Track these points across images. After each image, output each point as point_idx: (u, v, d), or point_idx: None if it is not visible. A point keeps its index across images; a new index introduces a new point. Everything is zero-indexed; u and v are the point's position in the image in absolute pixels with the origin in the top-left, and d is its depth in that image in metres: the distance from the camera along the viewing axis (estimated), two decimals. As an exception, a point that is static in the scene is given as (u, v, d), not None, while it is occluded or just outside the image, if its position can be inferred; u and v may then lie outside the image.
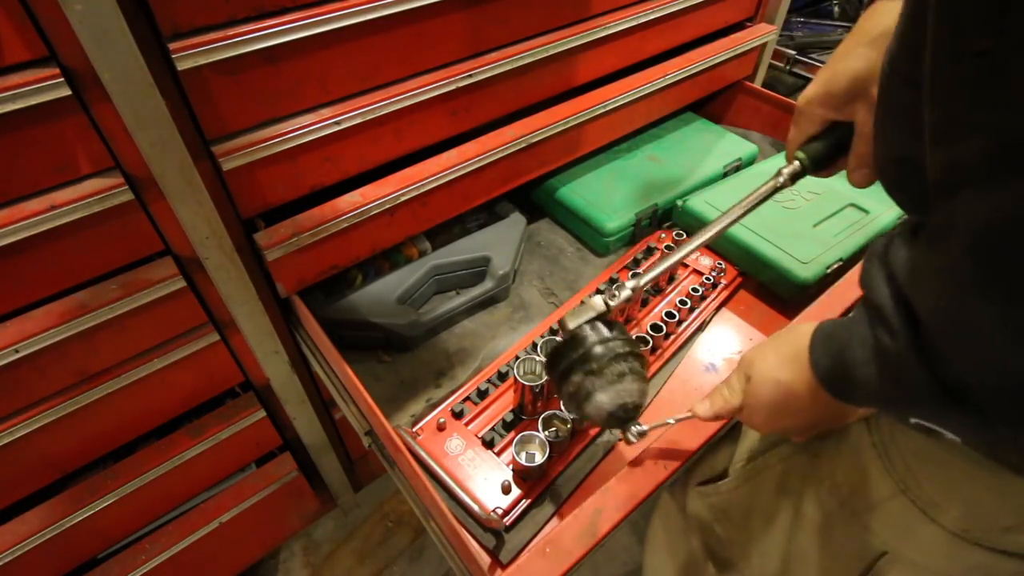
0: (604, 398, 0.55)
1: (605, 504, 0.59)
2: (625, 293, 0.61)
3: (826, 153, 0.56)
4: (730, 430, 0.68)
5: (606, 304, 0.60)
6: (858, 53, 0.50)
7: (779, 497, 0.59)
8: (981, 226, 0.28)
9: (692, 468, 0.75)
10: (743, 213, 0.59)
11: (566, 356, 0.57)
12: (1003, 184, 0.27)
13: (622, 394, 0.55)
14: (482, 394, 0.78)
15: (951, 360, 0.32)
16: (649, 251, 1.00)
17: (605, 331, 0.57)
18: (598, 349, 0.56)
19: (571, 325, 0.58)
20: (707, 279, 0.93)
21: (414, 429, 0.74)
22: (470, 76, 0.78)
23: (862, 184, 0.55)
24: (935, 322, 0.32)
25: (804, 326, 0.47)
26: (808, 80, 1.48)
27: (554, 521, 0.67)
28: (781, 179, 0.58)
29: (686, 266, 0.97)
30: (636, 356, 0.57)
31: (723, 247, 0.98)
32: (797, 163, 0.57)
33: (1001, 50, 0.27)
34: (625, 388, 0.55)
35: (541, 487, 0.69)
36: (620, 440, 0.74)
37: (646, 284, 0.62)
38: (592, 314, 0.58)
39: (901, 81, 0.39)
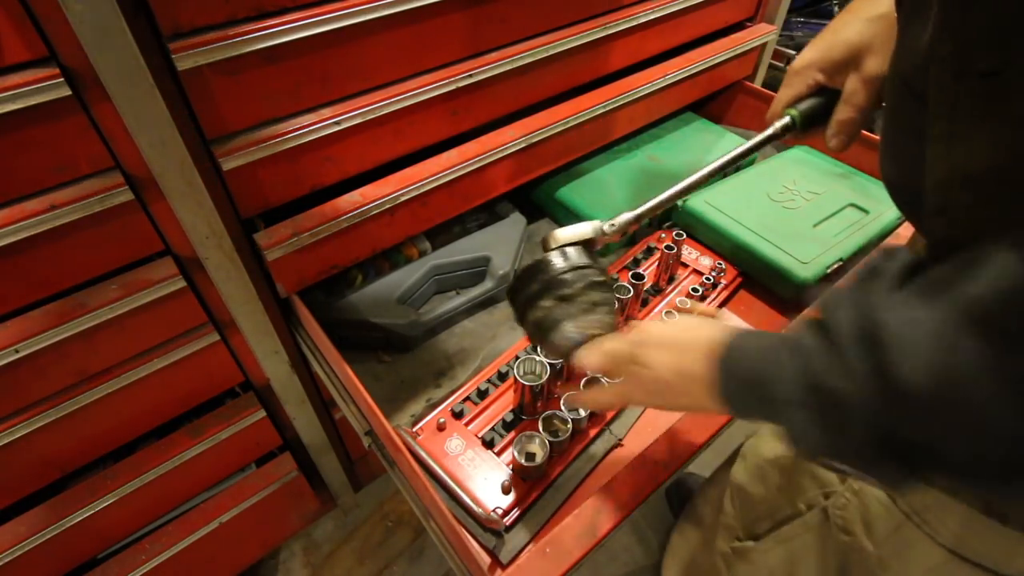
0: (572, 329, 0.53)
1: (605, 504, 0.59)
2: (623, 219, 0.58)
3: (814, 113, 0.58)
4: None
5: (601, 229, 0.57)
6: (856, 28, 0.53)
7: (821, 559, 0.58)
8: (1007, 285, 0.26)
9: (704, 498, 0.75)
10: (743, 153, 0.60)
11: (536, 279, 0.54)
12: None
13: (592, 325, 0.53)
14: (482, 394, 0.78)
15: (937, 429, 0.30)
16: (649, 251, 1.00)
17: (578, 258, 0.54)
18: (570, 275, 0.53)
19: (554, 244, 0.56)
20: (707, 279, 0.93)
21: (414, 429, 0.74)
22: (470, 76, 0.78)
23: (838, 149, 0.58)
24: (930, 384, 0.29)
25: (703, 331, 0.44)
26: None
27: (554, 521, 0.67)
28: (775, 129, 0.59)
29: (686, 266, 0.97)
30: (608, 287, 0.55)
31: (723, 247, 0.98)
32: (788, 118, 0.58)
33: (1008, 71, 0.27)
34: (596, 319, 0.53)
35: (541, 487, 0.69)
36: (620, 440, 0.74)
37: (647, 214, 0.59)
38: (580, 237, 0.56)
39: (911, 95, 0.39)
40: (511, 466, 0.69)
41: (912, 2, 0.39)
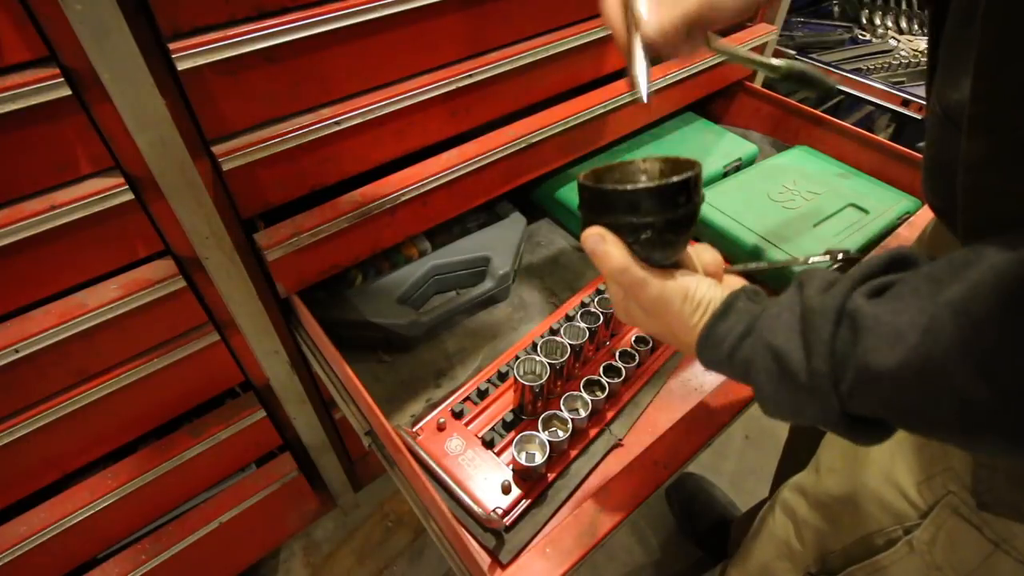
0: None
1: (605, 504, 0.59)
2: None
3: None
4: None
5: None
6: None
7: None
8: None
9: (761, 538, 0.73)
10: None
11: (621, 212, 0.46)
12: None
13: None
14: (482, 394, 0.78)
15: (903, 404, 0.32)
16: (649, 251, 1.00)
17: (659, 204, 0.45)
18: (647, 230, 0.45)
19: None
20: (707, 279, 0.93)
21: (414, 429, 0.74)
22: (470, 76, 0.78)
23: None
24: (904, 368, 0.31)
25: (679, 325, 0.46)
26: (808, 80, 1.47)
27: (554, 521, 0.67)
28: None
29: (686, 266, 0.97)
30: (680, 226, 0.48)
31: (723, 247, 0.98)
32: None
33: None
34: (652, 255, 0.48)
35: (541, 487, 0.69)
36: (620, 440, 0.74)
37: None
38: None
39: (951, 124, 0.40)
40: (511, 466, 0.69)
41: (949, 47, 0.41)
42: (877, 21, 1.75)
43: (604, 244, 0.47)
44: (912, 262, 0.36)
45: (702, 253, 0.52)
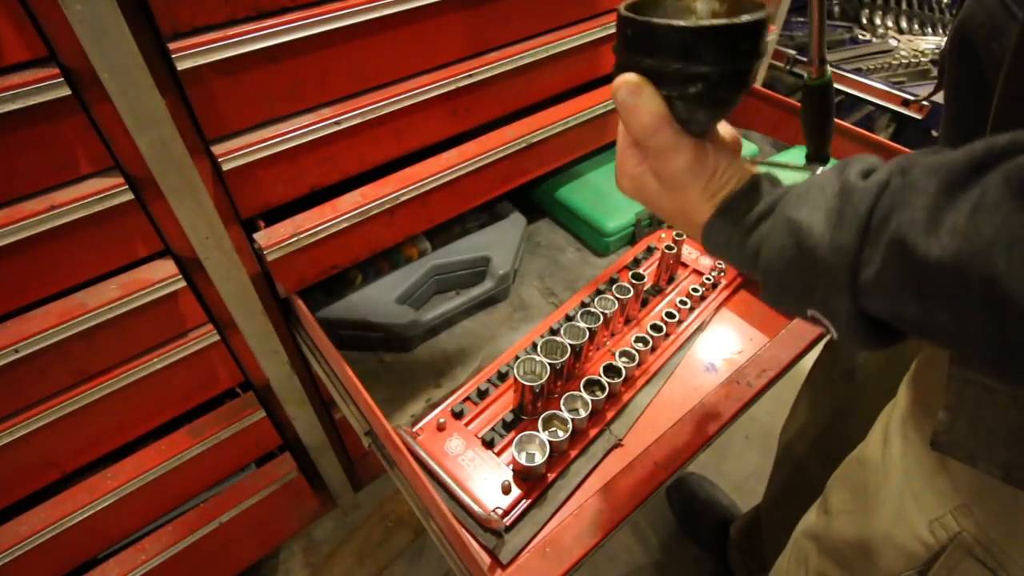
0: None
1: (605, 504, 0.59)
2: None
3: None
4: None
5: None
6: None
7: None
8: None
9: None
10: None
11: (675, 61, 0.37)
12: None
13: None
14: (482, 394, 0.78)
15: (936, 300, 0.28)
16: (649, 251, 1.00)
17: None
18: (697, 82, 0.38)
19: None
20: (707, 279, 0.93)
21: (414, 429, 0.74)
22: (470, 76, 0.78)
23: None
24: (947, 253, 0.27)
25: (687, 205, 0.42)
26: (808, 80, 1.47)
27: (554, 521, 0.67)
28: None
29: (686, 266, 0.97)
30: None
31: (723, 247, 0.98)
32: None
33: None
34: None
35: (541, 487, 0.69)
36: (620, 440, 0.75)
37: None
38: None
39: None
40: (511, 466, 0.69)
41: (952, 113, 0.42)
42: (877, 21, 1.75)
43: (639, 97, 0.39)
44: None
45: (719, 126, 0.45)
